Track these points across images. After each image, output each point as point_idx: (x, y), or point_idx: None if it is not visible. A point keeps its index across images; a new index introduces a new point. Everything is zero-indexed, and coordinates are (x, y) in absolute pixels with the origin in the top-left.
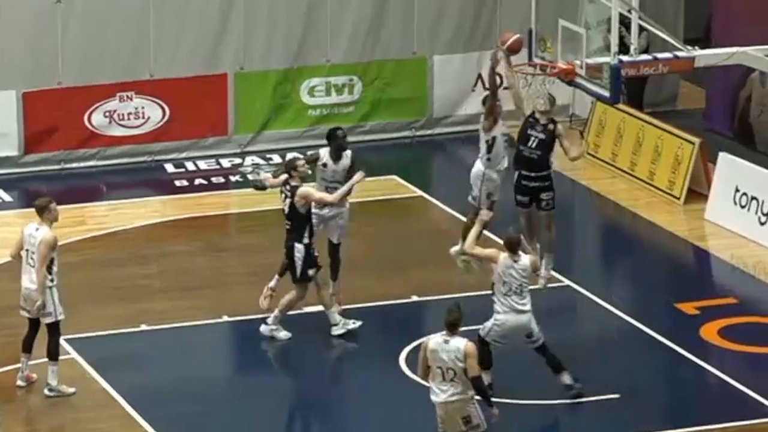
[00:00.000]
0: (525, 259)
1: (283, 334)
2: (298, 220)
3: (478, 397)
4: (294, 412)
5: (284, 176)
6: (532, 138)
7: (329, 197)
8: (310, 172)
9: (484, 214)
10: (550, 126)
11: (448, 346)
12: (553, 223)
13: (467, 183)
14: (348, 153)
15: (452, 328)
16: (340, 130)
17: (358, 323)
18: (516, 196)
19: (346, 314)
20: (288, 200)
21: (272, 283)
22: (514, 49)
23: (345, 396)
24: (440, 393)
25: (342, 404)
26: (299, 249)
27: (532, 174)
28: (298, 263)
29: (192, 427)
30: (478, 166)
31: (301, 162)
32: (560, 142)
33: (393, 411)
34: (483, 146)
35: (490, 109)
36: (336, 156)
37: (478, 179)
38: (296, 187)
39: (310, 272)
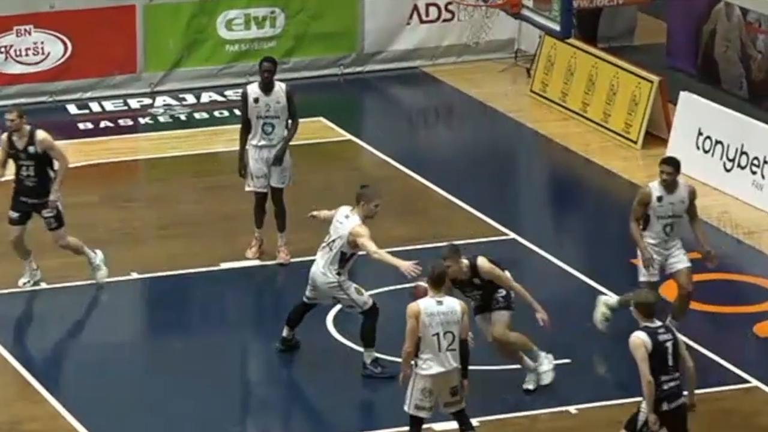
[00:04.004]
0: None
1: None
2: None
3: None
4: (208, 375)
5: None
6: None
7: None
8: (22, 125)
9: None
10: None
11: (443, 308)
12: None
13: (400, 125)
14: (282, 86)
15: (439, 284)
16: (267, 62)
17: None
18: None
19: (268, 269)
20: None
21: (257, 234)
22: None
23: (267, 359)
24: (437, 364)
25: (265, 367)
26: None
27: None
28: None
29: (95, 393)
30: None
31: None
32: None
33: (320, 374)
34: None
35: None
36: (266, 88)
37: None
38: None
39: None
